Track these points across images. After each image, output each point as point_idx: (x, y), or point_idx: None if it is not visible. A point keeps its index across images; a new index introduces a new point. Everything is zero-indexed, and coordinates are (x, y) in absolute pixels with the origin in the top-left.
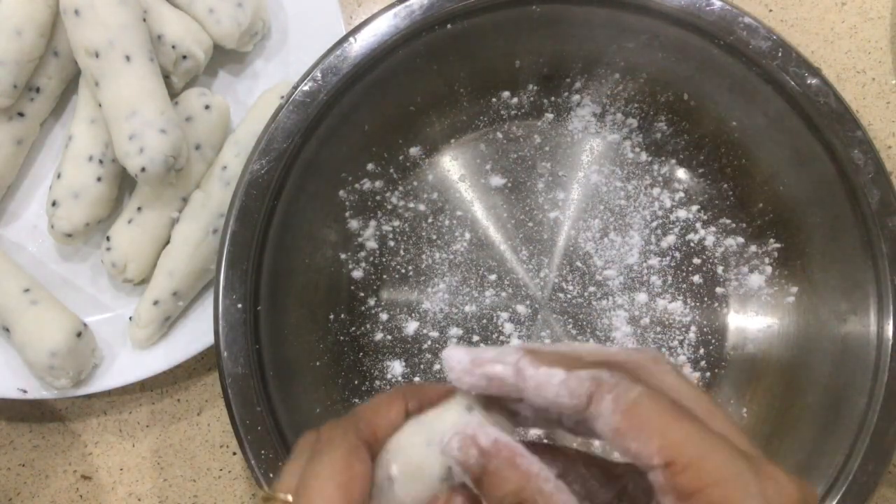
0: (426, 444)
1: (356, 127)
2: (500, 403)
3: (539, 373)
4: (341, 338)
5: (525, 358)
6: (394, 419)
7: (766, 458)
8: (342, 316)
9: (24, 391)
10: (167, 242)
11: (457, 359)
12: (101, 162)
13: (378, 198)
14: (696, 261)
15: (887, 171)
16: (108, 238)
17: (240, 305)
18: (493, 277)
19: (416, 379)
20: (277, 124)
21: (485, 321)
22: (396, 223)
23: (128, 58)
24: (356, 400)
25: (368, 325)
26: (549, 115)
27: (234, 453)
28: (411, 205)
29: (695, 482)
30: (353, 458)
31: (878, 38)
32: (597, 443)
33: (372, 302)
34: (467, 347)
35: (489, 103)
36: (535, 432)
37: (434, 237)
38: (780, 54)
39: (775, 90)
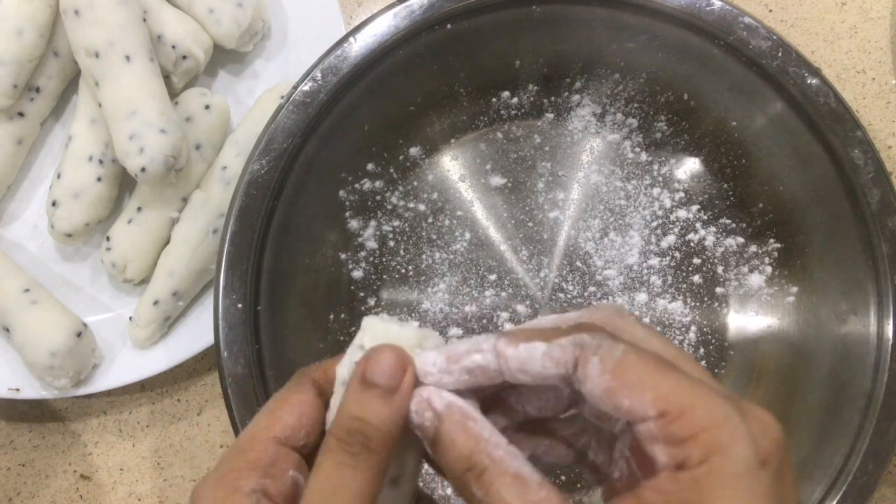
0: (349, 361)
1: (356, 127)
2: (494, 400)
3: (519, 350)
4: (341, 338)
5: (501, 339)
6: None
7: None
8: (342, 316)
9: (17, 389)
10: (167, 242)
11: (430, 362)
12: (101, 162)
13: (378, 198)
14: (696, 261)
15: (887, 171)
16: (108, 238)
17: (240, 305)
18: (493, 277)
19: None
20: (277, 124)
21: (485, 321)
22: (396, 223)
23: (128, 58)
24: None
25: None
26: (549, 115)
27: None
28: (411, 205)
29: (687, 429)
30: (290, 392)
31: (878, 38)
32: None
33: (372, 302)
34: (435, 350)
35: (489, 103)
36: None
37: (434, 237)
38: (780, 54)
39: (775, 90)
